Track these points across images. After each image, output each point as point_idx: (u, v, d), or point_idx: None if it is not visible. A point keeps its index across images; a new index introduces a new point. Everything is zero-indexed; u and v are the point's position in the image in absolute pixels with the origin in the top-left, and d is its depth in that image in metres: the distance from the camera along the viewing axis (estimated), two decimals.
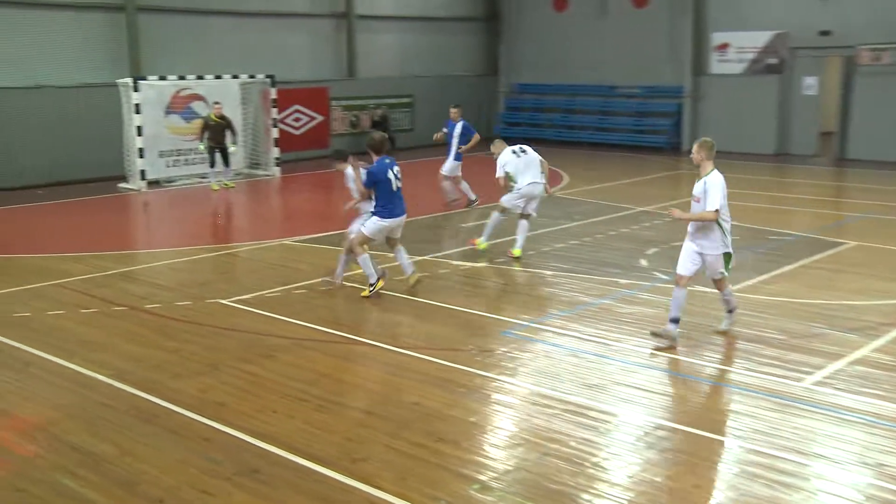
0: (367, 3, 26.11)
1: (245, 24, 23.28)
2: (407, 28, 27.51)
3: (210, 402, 7.11)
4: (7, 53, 19.16)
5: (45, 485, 5.76)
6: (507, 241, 13.36)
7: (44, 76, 19.64)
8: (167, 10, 21.62)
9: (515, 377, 7.76)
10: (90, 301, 10.21)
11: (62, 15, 19.93)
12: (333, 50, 25.75)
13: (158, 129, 19.87)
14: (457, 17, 28.82)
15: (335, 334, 8.90)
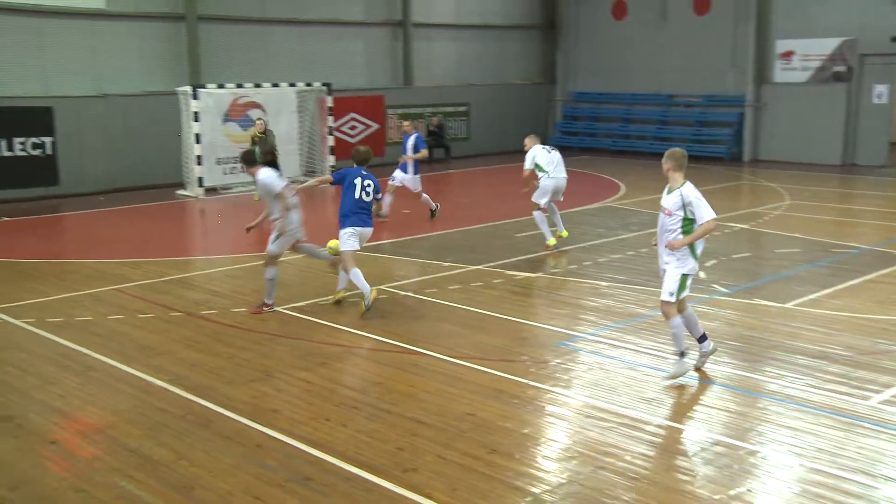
0: (423, 12, 26.28)
1: (303, 32, 23.62)
2: (463, 36, 27.61)
3: (264, 409, 7.20)
4: (74, 63, 19.75)
5: (105, 487, 5.89)
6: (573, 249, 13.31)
7: (108, 85, 20.19)
8: (227, 19, 22.05)
9: (570, 389, 7.71)
10: (148, 306, 10.43)
11: (126, 25, 20.47)
12: (390, 58, 25.96)
13: (216, 137, 20.26)
14: (514, 24, 28.84)
15: (388, 343, 8.94)
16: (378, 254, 13.27)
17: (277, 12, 23.03)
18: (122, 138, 20.22)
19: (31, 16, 19.14)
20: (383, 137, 25.52)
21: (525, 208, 17.29)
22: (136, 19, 20.65)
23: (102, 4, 20.03)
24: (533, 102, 29.52)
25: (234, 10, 22.19)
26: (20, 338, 9.26)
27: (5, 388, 7.78)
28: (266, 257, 10.06)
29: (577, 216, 16.63)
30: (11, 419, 7.10)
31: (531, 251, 13.38)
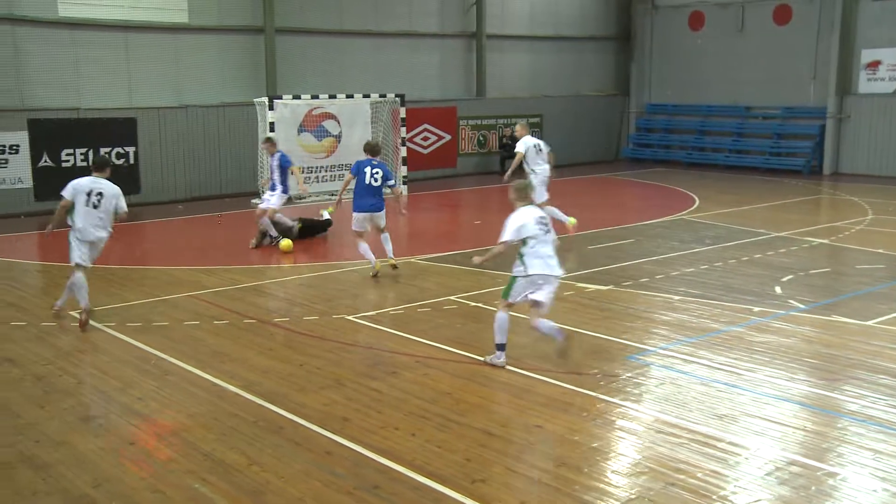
0: (497, 23, 26.35)
1: (378, 44, 23.92)
2: (537, 48, 27.58)
3: (334, 417, 7.29)
4: (157, 75, 20.38)
5: (180, 489, 6.04)
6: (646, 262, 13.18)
7: (189, 96, 20.77)
8: (304, 31, 22.46)
9: (640, 403, 7.61)
10: (223, 313, 10.66)
11: (207, 38, 21.03)
12: (463, 69, 26.09)
13: (291, 147, 20.57)
14: (588, 36, 28.69)
15: (458, 353, 8.97)
16: (447, 264, 13.32)
17: (354, 24, 23.37)
18: (200, 148, 20.78)
19: (119, 31, 19.82)
20: (455, 149, 25.64)
21: (598, 220, 17.20)
22: (217, 32, 21.20)
23: (185, 19, 20.64)
24: (606, 114, 29.31)
25: (311, 22, 22.60)
26: (102, 341, 9.57)
27: (89, 390, 8.04)
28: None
29: (650, 229, 16.44)
30: (94, 419, 7.34)
31: (603, 263, 13.27)
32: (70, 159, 19.23)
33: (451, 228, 18.35)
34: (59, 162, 19.12)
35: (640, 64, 29.41)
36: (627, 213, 19.53)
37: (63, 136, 19.05)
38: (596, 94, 29.16)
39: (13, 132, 18.52)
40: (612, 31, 29.42)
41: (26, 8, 18.68)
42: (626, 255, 14.02)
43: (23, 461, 6.49)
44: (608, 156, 29.45)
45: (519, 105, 27.04)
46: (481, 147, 26.29)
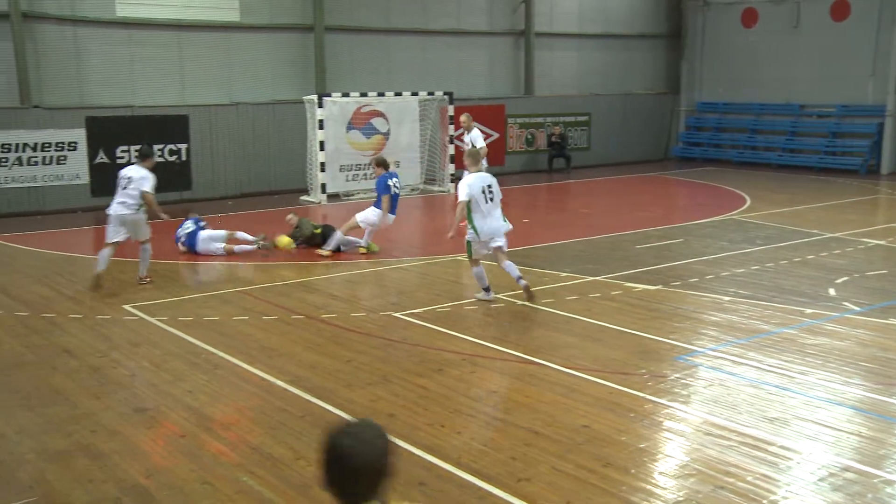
0: (546, 21, 26.23)
1: (426, 42, 23.96)
2: (586, 46, 27.39)
3: (380, 413, 7.32)
4: (209, 73, 20.67)
5: (228, 481, 6.12)
6: (695, 262, 13.04)
7: (240, 94, 21.04)
8: (353, 29, 22.60)
9: (688, 405, 7.53)
10: (271, 308, 10.78)
11: (258, 36, 21.27)
12: (511, 68, 26.02)
13: (340, 144, 20.77)
14: (638, 34, 28.42)
15: (504, 352, 8.96)
16: (494, 262, 13.29)
17: (402, 23, 23.44)
18: (250, 145, 21.03)
19: (173, 30, 20.14)
20: (504, 146, 25.59)
21: (647, 219, 17.05)
22: (268, 31, 21.43)
23: (237, 17, 20.89)
24: (656, 113, 29.02)
25: (360, 20, 22.73)
26: (155, 335, 9.74)
27: (141, 382, 8.20)
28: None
29: (699, 229, 16.24)
30: (146, 411, 7.47)
31: (651, 263, 13.14)
32: (125, 156, 19.55)
33: None
34: (115, 158, 19.47)
35: (691, 62, 29.05)
36: (676, 213, 19.33)
37: (118, 134, 19.41)
38: (645, 93, 28.88)
39: (72, 129, 18.92)
40: (663, 28, 29.10)
41: (87, 9, 19.07)
42: (674, 254, 13.87)
43: (80, 449, 6.64)
44: (657, 155, 29.15)
45: (567, 103, 26.89)
46: (529, 145, 26.21)
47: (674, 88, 29.45)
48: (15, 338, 9.64)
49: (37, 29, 18.65)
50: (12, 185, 18.43)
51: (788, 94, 26.52)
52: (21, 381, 8.27)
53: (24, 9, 18.26)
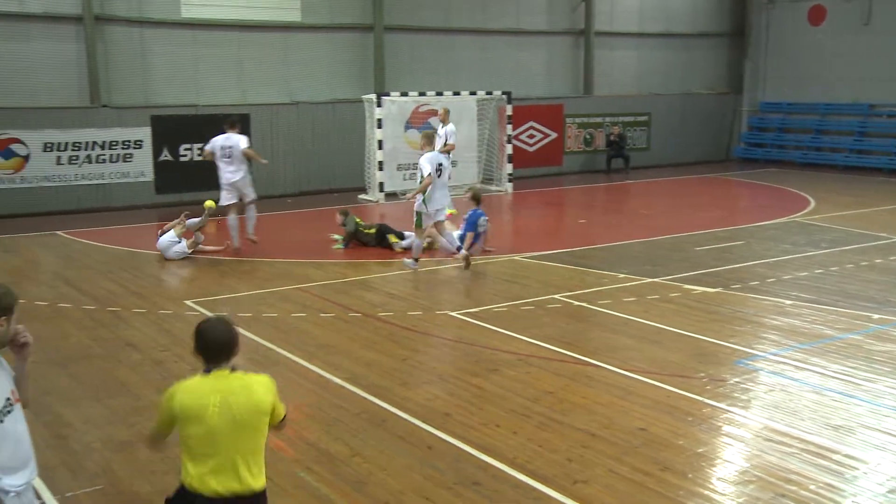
0: (606, 20, 26.01)
1: (485, 41, 23.95)
2: (646, 45, 27.09)
3: (436, 412, 7.34)
4: (269, 73, 20.96)
5: (286, 476, 6.20)
6: (756, 264, 12.82)
7: (299, 93, 21.28)
8: (412, 29, 22.70)
9: (748, 410, 7.39)
10: (329, 306, 10.88)
11: (318, 36, 21.50)
12: (570, 67, 25.86)
13: (398, 143, 20.87)
14: (700, 32, 28.00)
15: (561, 353, 8.90)
16: (553, 262, 13.24)
17: (461, 22, 23.47)
18: (310, 143, 21.27)
19: (235, 30, 20.48)
20: (562, 146, 25.45)
21: (707, 221, 16.79)
22: (328, 30, 21.64)
23: (298, 17, 21.14)
24: (717, 113, 28.56)
25: (419, 20, 22.81)
26: None
27: None
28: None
29: (761, 231, 15.94)
30: None
31: (711, 265, 12.94)
32: (188, 154, 19.99)
33: (556, 226, 18.23)
34: (178, 156, 19.90)
35: (755, 61, 28.51)
36: (737, 214, 19.00)
37: (182, 132, 19.82)
38: (706, 93, 28.44)
39: (137, 128, 19.39)
40: (726, 27, 28.62)
41: (153, 11, 19.51)
42: (735, 257, 13.64)
43: (142, 441, 6.79)
44: (718, 155, 28.69)
45: (626, 103, 26.63)
46: (588, 145, 26.02)
47: (736, 88, 28.95)
48: (83, 330, 9.90)
49: (107, 31, 19.13)
50: (82, 182, 18.95)
51: (857, 94, 25.86)
52: (88, 373, 8.49)
53: (96, 12, 18.75)
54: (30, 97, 18.50)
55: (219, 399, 4.03)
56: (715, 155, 28.57)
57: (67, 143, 18.71)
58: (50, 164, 18.60)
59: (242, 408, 4.07)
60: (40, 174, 18.53)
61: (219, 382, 4.08)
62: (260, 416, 4.15)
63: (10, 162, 18.26)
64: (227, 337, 4.13)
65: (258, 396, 4.14)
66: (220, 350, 4.11)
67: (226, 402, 4.03)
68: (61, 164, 18.71)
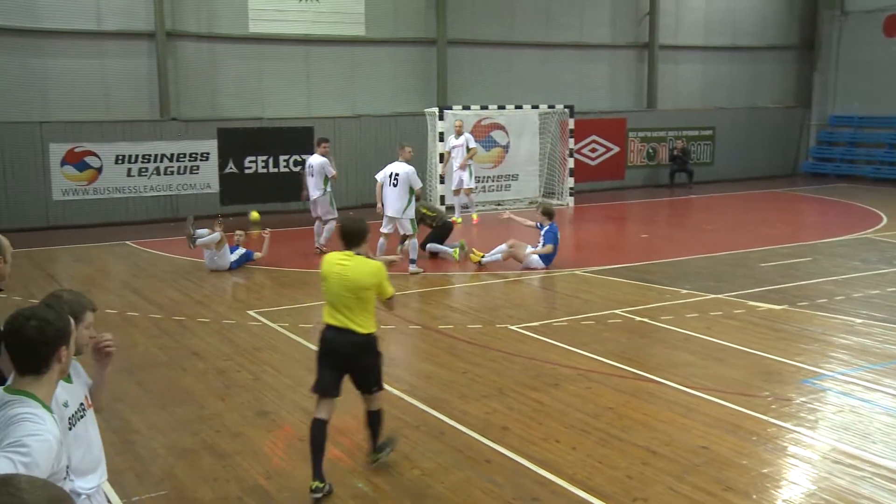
0: (671, 34, 25.77)
1: (548, 55, 23.93)
2: (712, 58, 26.76)
3: (494, 425, 7.32)
4: (334, 86, 21.26)
5: (344, 486, 6.24)
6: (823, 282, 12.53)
7: (362, 106, 21.53)
8: (476, 42, 22.79)
9: (816, 431, 7.20)
10: (388, 318, 10.90)
11: (382, 50, 21.76)
12: (634, 81, 25.66)
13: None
14: (767, 45, 27.55)
15: (621, 368, 8.81)
16: (614, 277, 13.12)
17: (524, 36, 23.48)
18: (371, 156, 21.43)
19: (301, 44, 20.83)
20: (624, 160, 25.24)
21: (773, 236, 16.47)
22: (391, 44, 21.86)
23: (362, 31, 21.41)
24: (784, 127, 28.03)
25: (482, 34, 22.90)
26: (277, 340, 10.04)
27: (263, 386, 8.46)
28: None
29: (830, 247, 15.56)
30: (268, 415, 7.71)
31: (776, 282, 12.68)
32: (252, 166, 20.36)
33: (618, 241, 18.06)
34: (243, 169, 20.28)
35: (825, 74, 27.91)
36: (805, 230, 18.60)
37: (247, 145, 20.22)
38: (773, 107, 27.94)
39: (204, 140, 19.83)
40: (795, 39, 28.11)
41: (222, 26, 19.98)
42: (802, 273, 13.34)
43: (205, 449, 6.91)
44: (785, 170, 28.14)
45: (691, 117, 26.31)
46: (650, 159, 25.76)
47: (804, 102, 28.38)
48: (149, 339, 10.13)
49: (178, 46, 19.64)
50: (150, 194, 19.44)
51: None
52: (154, 381, 8.68)
53: (168, 28, 19.26)
54: (104, 111, 19.08)
55: (339, 269, 6.14)
56: (781, 170, 28.03)
57: (138, 155, 19.23)
58: (121, 176, 19.13)
59: (350, 279, 6.08)
60: (112, 185, 19.08)
61: (345, 258, 6.19)
62: (359, 290, 6.11)
63: (85, 174, 18.84)
64: (354, 229, 6.21)
65: (362, 276, 6.09)
66: (349, 238, 6.20)
67: (343, 272, 6.12)
68: (131, 175, 19.23)
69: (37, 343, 3.20)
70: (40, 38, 18.36)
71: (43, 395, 3.22)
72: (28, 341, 3.19)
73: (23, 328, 3.19)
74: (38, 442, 3.00)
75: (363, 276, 6.08)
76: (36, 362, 3.23)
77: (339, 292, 6.11)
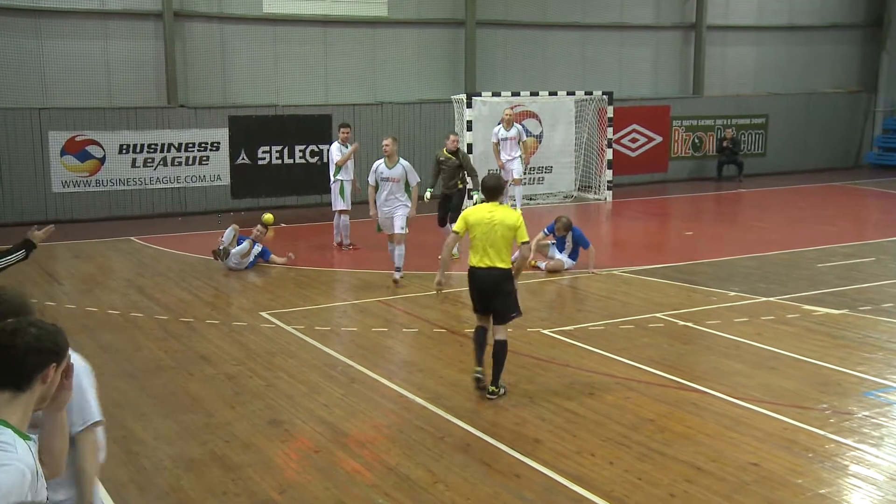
0: (721, 13, 25.58)
1: (585, 37, 23.85)
2: (766, 39, 26.51)
3: (525, 437, 7.32)
4: (354, 71, 21.32)
5: (363, 501, 6.26)
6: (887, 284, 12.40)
7: (385, 93, 21.56)
8: (506, 24, 22.76)
9: (880, 448, 7.13)
10: (412, 320, 10.97)
11: (406, 32, 21.78)
12: (679, 64, 25.51)
13: (489, 147, 20.88)
14: (829, 24, 27.22)
15: (663, 377, 8.77)
16: (656, 278, 13.06)
17: (559, 16, 23.41)
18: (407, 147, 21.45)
19: (319, 25, 20.90)
20: (667, 152, 25.10)
21: (832, 234, 16.31)
22: (416, 26, 21.88)
23: (384, 12, 21.45)
24: (846, 114, 27.73)
25: (514, 14, 22.86)
26: (291, 344, 10.10)
27: (276, 393, 8.51)
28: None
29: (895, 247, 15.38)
30: (281, 424, 7.75)
31: (835, 284, 12.56)
32: (266, 157, 20.47)
33: (660, 239, 17.97)
34: (256, 160, 20.39)
35: (894, 54, 27.53)
36: (868, 228, 18.41)
37: (261, 133, 20.32)
38: (834, 92, 27.64)
39: (215, 129, 19.97)
40: (860, 17, 27.75)
41: (235, 6, 20.09)
42: (864, 275, 13.20)
43: (214, 460, 6.97)
44: (847, 162, 27.86)
45: (741, 104, 26.11)
46: (696, 150, 25.59)
47: (870, 86, 28.05)
48: (154, 342, 10.22)
49: (186, 27, 19.78)
50: (157, 186, 19.61)
51: None
52: (159, 387, 8.76)
53: (175, 7, 19.39)
54: (106, 97, 19.26)
55: (489, 217, 8.19)
56: (842, 161, 27.74)
57: (143, 144, 19.39)
58: (125, 167, 19.31)
59: (498, 223, 8.16)
60: (115, 177, 19.25)
61: (491, 207, 8.30)
62: (507, 230, 8.15)
63: (86, 164, 19.04)
64: (496, 183, 8.49)
65: (509, 220, 8.19)
66: (492, 191, 8.39)
67: (491, 219, 8.18)
68: (136, 166, 19.40)
69: (29, 351, 3.03)
70: (38, 17, 18.55)
71: (17, 421, 3.00)
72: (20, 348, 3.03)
73: (17, 332, 3.06)
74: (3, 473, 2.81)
75: (512, 220, 8.19)
76: (20, 374, 3.03)
77: (489, 235, 8.16)
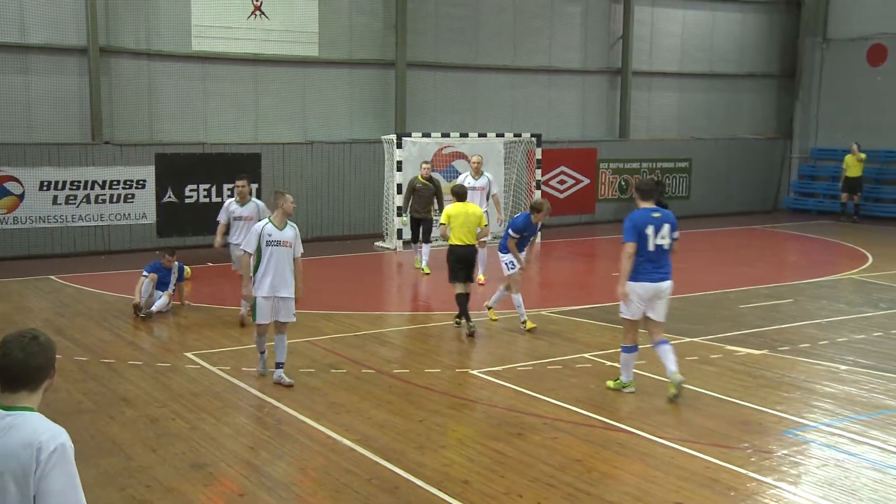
0: (645, 59, 26.24)
1: (514, 80, 24.22)
2: (688, 86, 27.27)
3: (453, 479, 7.29)
4: (284, 110, 21.28)
5: None
6: (806, 325, 12.69)
7: (315, 132, 21.56)
8: (438, 65, 23.00)
9: (798, 486, 7.27)
10: (340, 361, 10.89)
11: (336, 72, 21.85)
12: (605, 108, 26.05)
13: None
14: (747, 73, 28.15)
15: (590, 417, 8.84)
16: (582, 318, 13.20)
17: (490, 59, 23.75)
18: (324, 186, 21.46)
19: (249, 64, 20.84)
20: (595, 193, 25.51)
21: (751, 276, 16.71)
22: (347, 66, 21.97)
23: (315, 52, 21.49)
24: (764, 159, 28.59)
25: (445, 56, 23.12)
26: (216, 385, 9.93)
27: (201, 436, 8.34)
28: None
29: (812, 288, 15.83)
30: (204, 467, 7.59)
31: (756, 325, 12.85)
32: (193, 195, 20.22)
33: (587, 279, 18.20)
34: (183, 197, 20.13)
35: (807, 104, 28.57)
36: (786, 270, 18.90)
37: (188, 171, 20.07)
38: (753, 137, 28.51)
39: (141, 166, 19.65)
40: (775, 67, 28.77)
41: (163, 43, 19.90)
42: (783, 316, 13.54)
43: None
44: (765, 205, 28.65)
45: (665, 148, 26.73)
46: (623, 192, 26.07)
47: (785, 133, 29.01)
48: (73, 384, 9.94)
49: (112, 63, 19.51)
50: (79, 224, 19.18)
51: None
52: (77, 430, 8.50)
53: (102, 43, 19.14)
54: (26, 133, 18.85)
55: (464, 210, 12.22)
56: (761, 205, 28.53)
57: (65, 181, 18.99)
58: (45, 204, 18.86)
59: (471, 214, 12.22)
60: (35, 215, 18.79)
61: (463, 205, 12.31)
62: (476, 218, 12.25)
63: (4, 201, 18.55)
64: (462, 191, 12.64)
65: (477, 212, 12.40)
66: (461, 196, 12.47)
67: (466, 212, 12.20)
68: (58, 203, 18.97)
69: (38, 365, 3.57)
70: None
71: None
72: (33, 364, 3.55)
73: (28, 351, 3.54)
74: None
75: (479, 213, 12.42)
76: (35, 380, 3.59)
77: (465, 223, 12.05)
